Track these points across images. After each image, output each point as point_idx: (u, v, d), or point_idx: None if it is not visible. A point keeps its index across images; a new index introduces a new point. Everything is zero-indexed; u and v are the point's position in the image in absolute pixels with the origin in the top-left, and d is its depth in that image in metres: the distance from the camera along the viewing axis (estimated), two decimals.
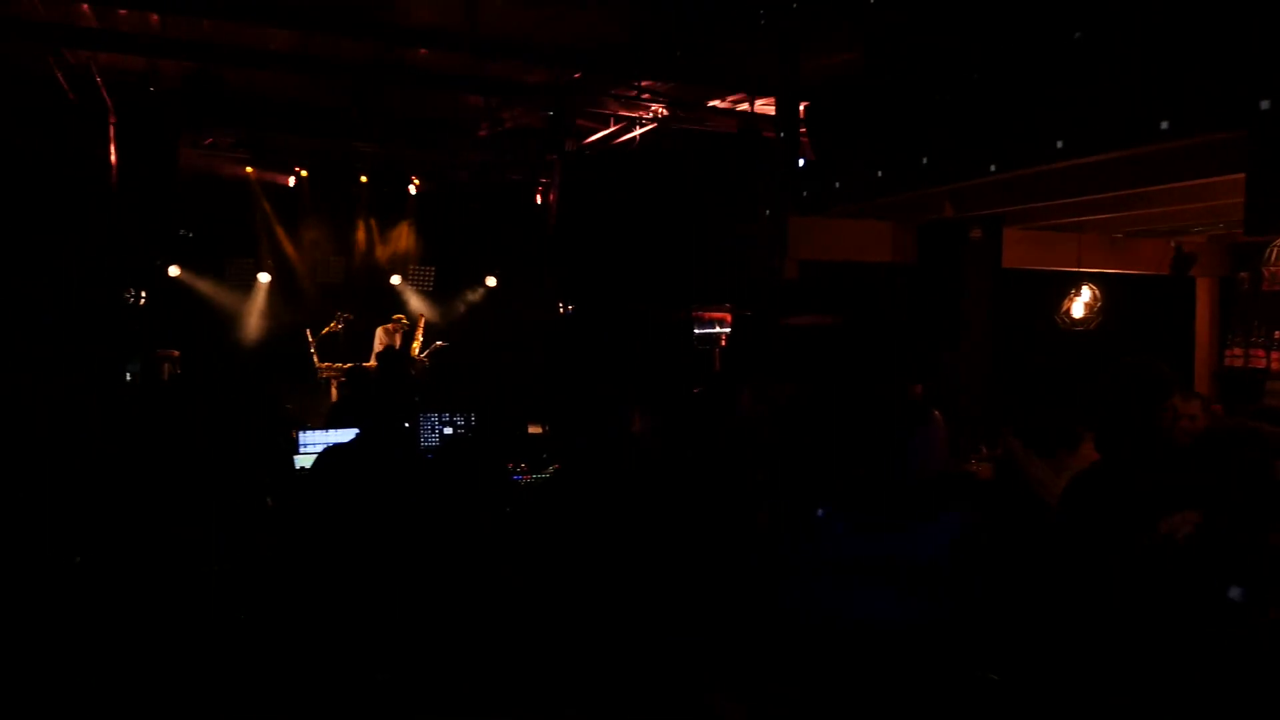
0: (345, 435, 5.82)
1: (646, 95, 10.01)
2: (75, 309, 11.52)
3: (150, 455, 6.21)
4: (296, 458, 5.65)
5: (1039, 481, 3.92)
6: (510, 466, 5.75)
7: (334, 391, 12.46)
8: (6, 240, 11.04)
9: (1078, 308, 7.73)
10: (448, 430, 6.11)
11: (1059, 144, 5.35)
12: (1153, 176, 5.74)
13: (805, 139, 7.17)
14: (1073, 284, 7.87)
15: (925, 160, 5.97)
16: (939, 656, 3.05)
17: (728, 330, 8.24)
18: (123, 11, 8.50)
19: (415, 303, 14.49)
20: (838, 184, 6.65)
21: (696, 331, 8.39)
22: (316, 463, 4.27)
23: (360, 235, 14.43)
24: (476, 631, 4.49)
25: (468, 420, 6.35)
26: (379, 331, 12.97)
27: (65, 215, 11.10)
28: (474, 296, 15.01)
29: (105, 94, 9.97)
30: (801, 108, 7.14)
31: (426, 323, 13.23)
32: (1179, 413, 3.47)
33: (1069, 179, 6.02)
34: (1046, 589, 2.55)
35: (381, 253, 14.59)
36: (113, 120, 10.10)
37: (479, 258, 14.63)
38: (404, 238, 14.64)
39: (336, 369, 12.44)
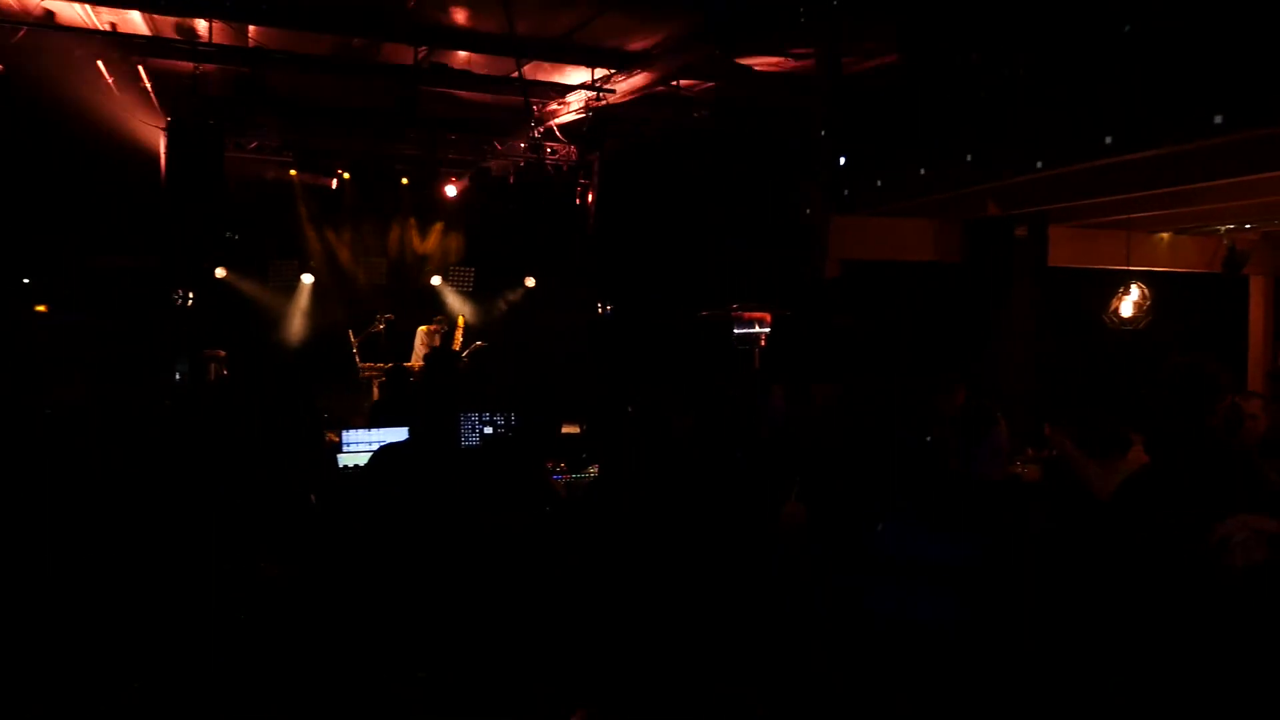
0: (389, 434, 5.89)
1: (686, 94, 9.99)
2: (126, 309, 11.80)
3: (199, 454, 6.33)
4: (341, 456, 5.71)
5: (1092, 483, 3.85)
6: (550, 466, 5.77)
7: (375, 391, 12.60)
8: (61, 243, 11.33)
9: (1126, 307, 7.56)
10: (488, 430, 6.14)
11: (1107, 140, 5.23)
12: (1205, 172, 5.61)
13: (847, 137, 7.10)
14: (1121, 282, 7.70)
15: (969, 158, 5.88)
16: (987, 658, 3.01)
17: (767, 330, 8.19)
18: (171, 19, 8.68)
19: (455, 303, 14.62)
20: (879, 182, 6.57)
21: (736, 331, 8.34)
22: (371, 461, 4.32)
23: (401, 236, 14.59)
24: (516, 628, 4.52)
25: (508, 420, 6.38)
26: (420, 332, 13.10)
27: (116, 218, 11.36)
28: (513, 297, 15.11)
29: (155, 99, 10.19)
30: (843, 106, 7.07)
31: (466, 323, 13.33)
32: (1243, 412, 3.39)
33: (1117, 175, 5.90)
34: (1098, 594, 2.49)
35: (422, 254, 14.74)
36: (162, 125, 10.31)
37: (518, 258, 14.72)
38: (444, 239, 14.78)
39: (378, 369, 12.58)
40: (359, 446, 5.80)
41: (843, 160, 6.65)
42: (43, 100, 10.68)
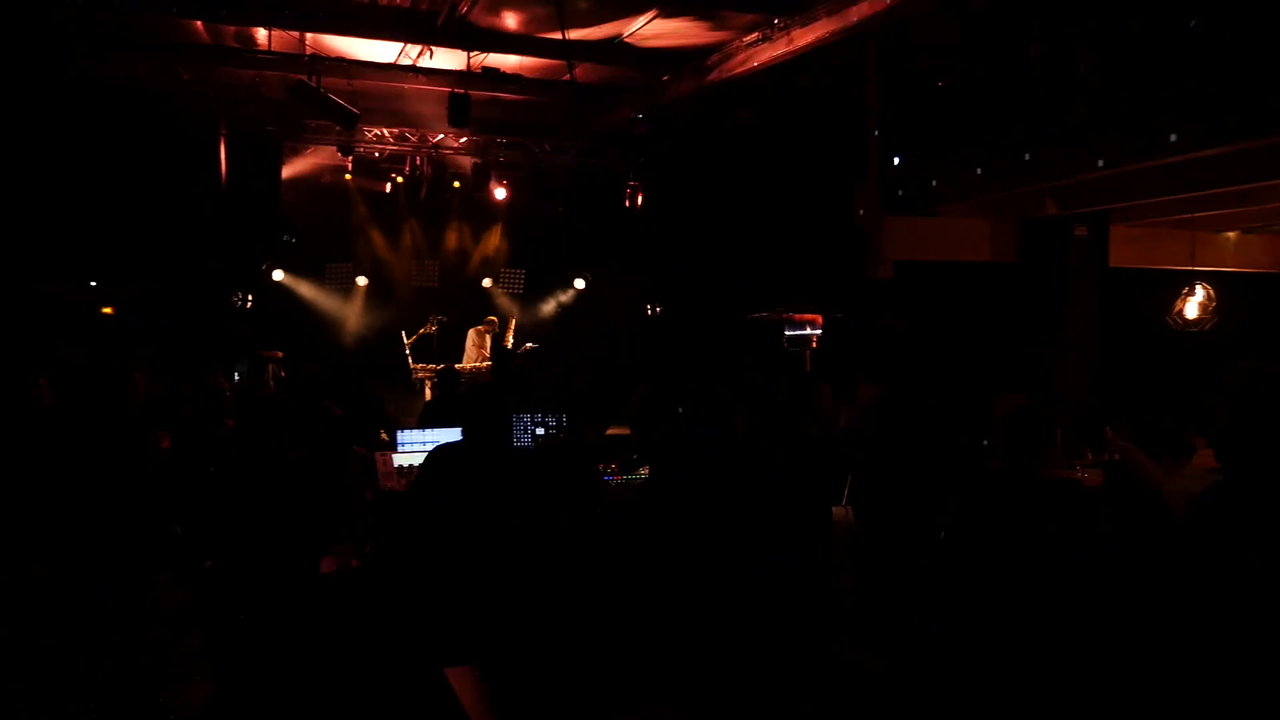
0: (443, 435, 5.96)
1: (735, 96, 9.96)
2: (188, 311, 12.11)
3: (259, 453, 6.45)
4: (396, 456, 5.79)
5: (1159, 488, 3.75)
6: (601, 468, 5.79)
7: (428, 392, 12.75)
8: (126, 247, 11.67)
9: (1191, 308, 7.35)
10: (539, 431, 6.18)
11: (1172, 137, 5.11)
12: (1274, 169, 5.44)
13: (901, 138, 7.01)
14: (1185, 283, 7.48)
15: (1028, 157, 5.78)
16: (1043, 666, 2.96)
17: (819, 332, 8.12)
18: (231, 28, 8.90)
19: (505, 305, 14.76)
20: (934, 182, 6.49)
21: (787, 333, 8.29)
22: (425, 461, 4.37)
23: (453, 239, 14.76)
24: (569, 630, 4.54)
25: (559, 421, 6.41)
26: (471, 333, 13.23)
27: (179, 223, 11.67)
28: (563, 298, 15.20)
29: (217, 106, 10.48)
30: (898, 106, 6.99)
31: (516, 324, 13.45)
32: None
33: (1182, 174, 5.75)
34: (1170, 614, 2.39)
35: (473, 256, 14.91)
36: (223, 132, 10.57)
37: (568, 260, 14.81)
38: (495, 241, 14.92)
39: (429, 370, 12.73)
40: (414, 447, 5.88)
41: (896, 161, 6.56)
42: (109, 108, 11.05)
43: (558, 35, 8.54)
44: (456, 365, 12.89)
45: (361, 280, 14.04)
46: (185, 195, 11.57)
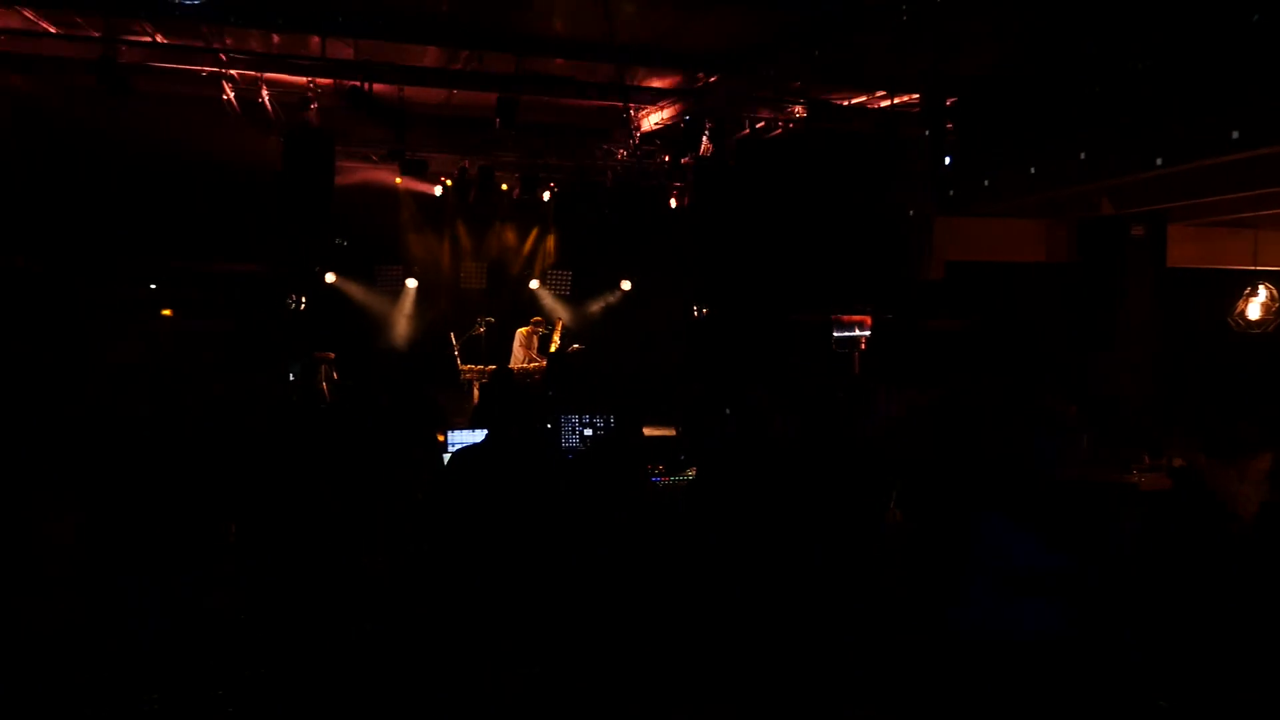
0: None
1: (783, 95, 9.92)
2: (244, 313, 12.39)
3: (317, 454, 6.57)
4: (447, 456, 5.87)
5: (1230, 494, 3.66)
6: (649, 469, 5.81)
7: (476, 393, 12.88)
8: (183, 251, 11.97)
9: (1254, 309, 7.15)
10: (588, 431, 6.22)
11: (1234, 134, 4.98)
12: None
13: (952, 136, 6.92)
14: (1247, 283, 7.29)
15: (1083, 155, 5.68)
16: (1098, 676, 2.91)
17: (867, 333, 8.03)
18: (276, 37, 9.09)
19: (552, 306, 14.87)
20: (987, 182, 6.40)
21: (836, 335, 8.21)
22: (449, 462, 4.43)
23: (500, 241, 14.94)
24: (610, 625, 4.57)
25: (607, 422, 6.45)
26: (518, 334, 13.34)
27: (234, 226, 11.94)
28: (609, 300, 15.28)
29: (271, 112, 10.69)
30: (948, 104, 6.91)
31: (564, 326, 13.54)
32: None
33: (1244, 171, 5.61)
34: (1246, 619, 2.35)
35: (520, 258, 15.06)
36: (279, 137, 10.78)
37: (614, 262, 14.88)
38: (542, 243, 15.06)
39: (478, 371, 12.87)
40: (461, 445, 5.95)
41: (948, 160, 6.48)
42: (166, 114, 11.34)
43: (602, 38, 8.61)
44: (480, 366, 13.04)
45: (411, 282, 14.26)
46: (241, 198, 11.85)
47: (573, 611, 4.49)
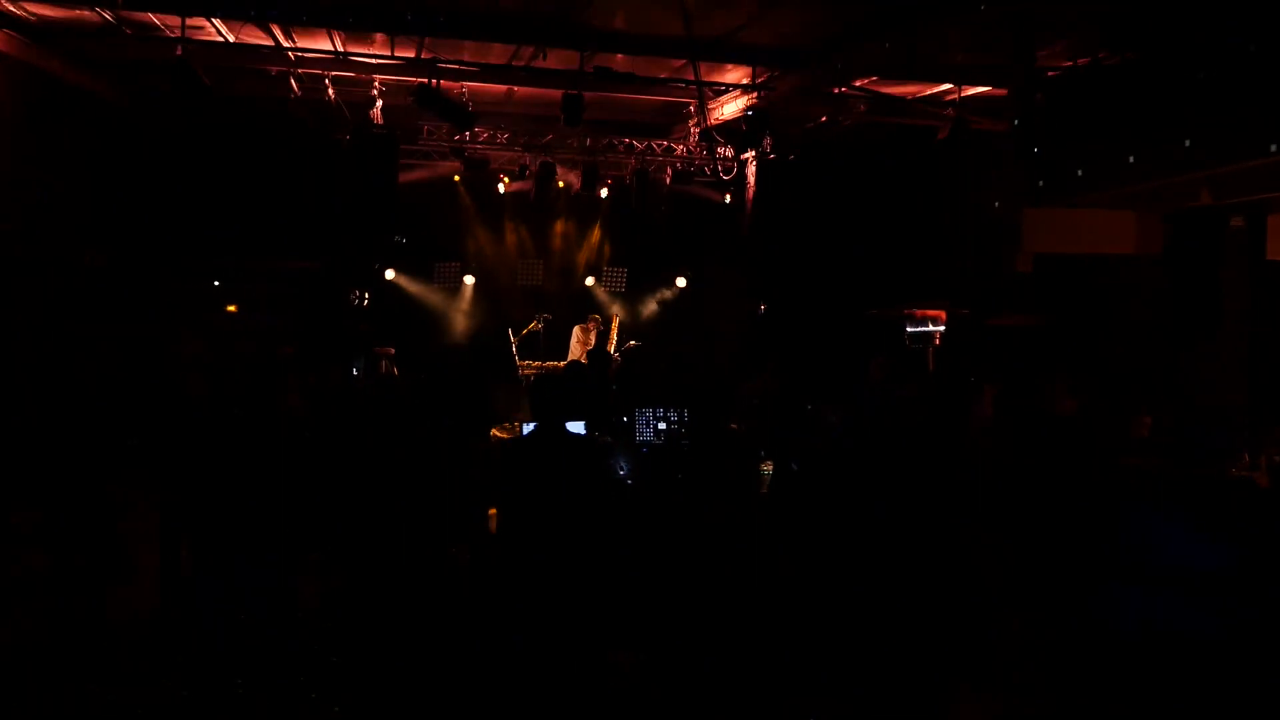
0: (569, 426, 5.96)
1: (850, 89, 9.76)
2: (307, 309, 12.51)
3: (379, 446, 6.56)
4: None
5: None
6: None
7: None
8: (248, 247, 12.12)
9: None
10: (661, 425, 6.15)
11: None
12: None
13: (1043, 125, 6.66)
14: None
15: (1188, 143, 5.46)
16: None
17: (942, 329, 7.85)
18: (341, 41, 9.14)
19: (607, 303, 14.82)
20: (1080, 171, 6.18)
21: (910, 330, 8.04)
22: (503, 451, 4.38)
23: (557, 238, 14.93)
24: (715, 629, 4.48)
25: (680, 416, 6.37)
26: (576, 330, 13.33)
27: (298, 223, 12.07)
28: (665, 296, 15.20)
29: (335, 111, 10.79)
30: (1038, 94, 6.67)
31: (620, 322, 13.50)
32: None
33: None
34: None
35: (577, 255, 15.03)
36: (344, 137, 10.86)
37: (670, 258, 14.80)
38: (598, 240, 15.02)
39: (536, 367, 12.87)
40: None
41: (1038, 149, 6.26)
42: (233, 114, 11.49)
43: (667, 33, 8.53)
44: (561, 364, 13.02)
45: (469, 279, 14.30)
46: (307, 198, 11.97)
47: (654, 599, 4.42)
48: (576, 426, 5.84)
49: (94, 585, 5.75)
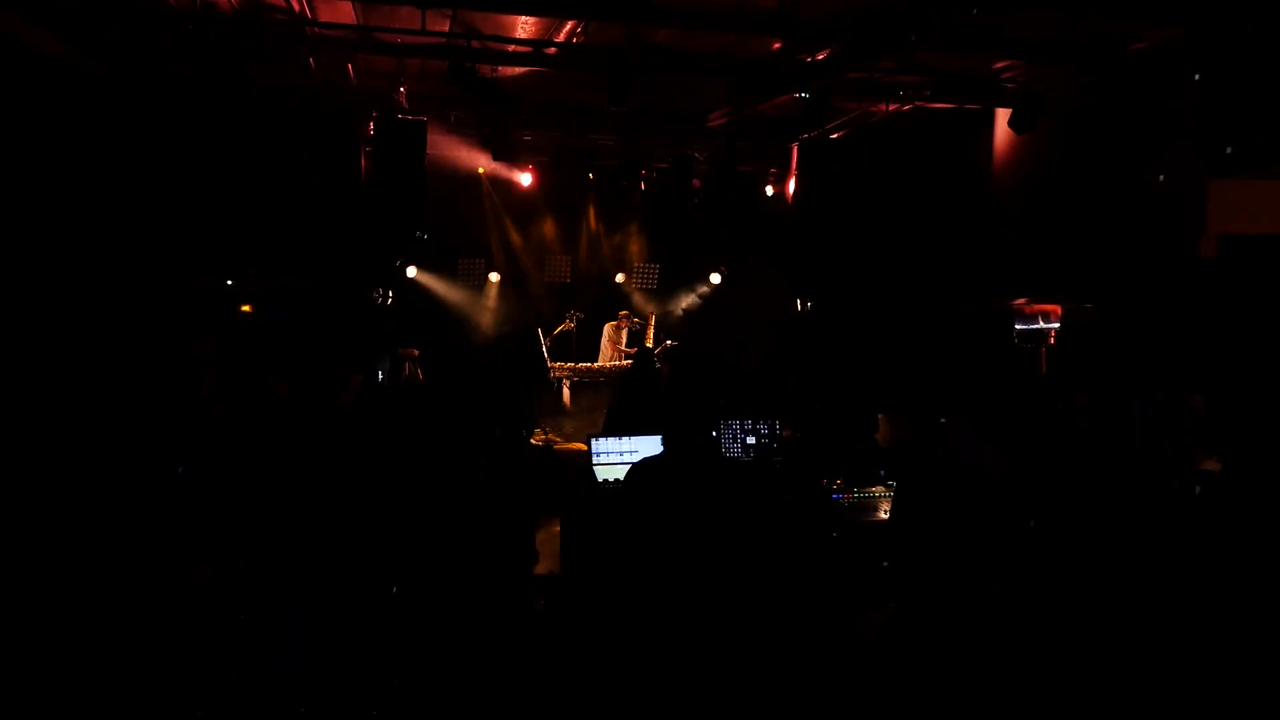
0: (641, 443, 5.29)
1: (907, 70, 9.05)
2: (326, 309, 11.84)
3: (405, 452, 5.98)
4: (597, 468, 5.12)
5: None
6: (824, 483, 5.00)
7: (565, 393, 12.25)
8: (260, 244, 11.45)
9: None
10: (750, 439, 5.43)
11: None
12: None
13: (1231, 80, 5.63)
14: None
15: None
16: None
17: (1055, 326, 7.04)
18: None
19: (640, 300, 14.18)
20: None
21: (1018, 328, 7.24)
22: (628, 477, 3.70)
23: (587, 233, 14.25)
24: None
25: (771, 428, 5.66)
26: (606, 328, 12.69)
27: (322, 218, 11.40)
28: (699, 293, 14.54)
29: (359, 98, 10.15)
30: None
31: (656, 321, 12.85)
32: None
33: None
34: None
35: (607, 250, 14.36)
36: (367, 131, 10.21)
37: (704, 254, 14.14)
38: (630, 236, 14.35)
39: (569, 369, 12.22)
40: (612, 458, 5.21)
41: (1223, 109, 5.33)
42: (251, 107, 10.81)
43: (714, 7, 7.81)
44: (594, 365, 12.36)
45: (494, 276, 13.66)
46: (328, 190, 11.30)
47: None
48: (653, 443, 5.15)
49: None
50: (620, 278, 14.36)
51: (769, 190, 13.16)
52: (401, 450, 5.40)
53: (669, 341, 12.45)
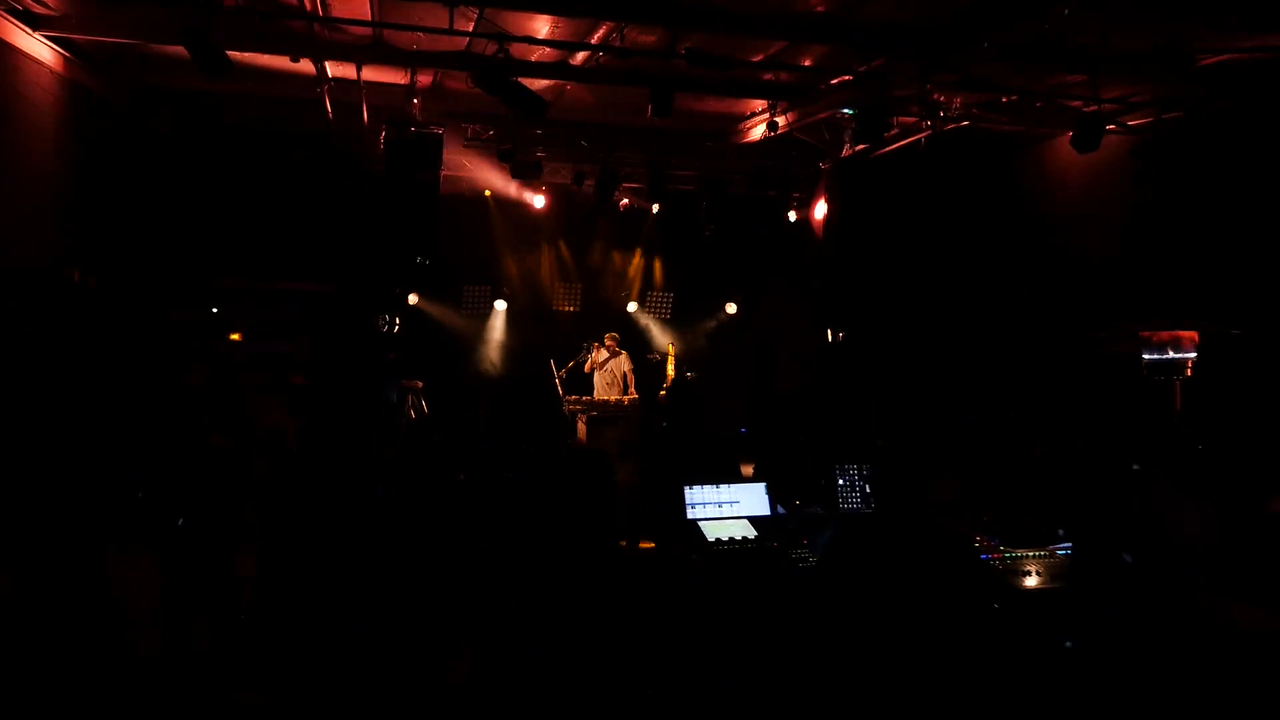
0: (741, 491, 4.52)
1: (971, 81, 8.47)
2: (325, 336, 11.04)
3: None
4: (700, 523, 4.32)
5: None
6: (979, 542, 4.17)
7: (580, 427, 11.45)
8: (252, 269, 10.66)
9: None
10: (866, 488, 4.67)
11: None
12: None
13: None
14: None
15: None
16: None
17: (1193, 356, 6.31)
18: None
19: (655, 332, 13.47)
20: None
21: (1146, 359, 6.54)
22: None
23: (598, 260, 13.53)
24: None
25: (861, 472, 4.92)
26: (592, 354, 11.89)
27: (309, 241, 10.66)
28: (715, 322, 13.84)
29: (365, 118, 9.45)
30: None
31: (675, 353, 12.09)
32: None
33: None
34: None
35: (620, 278, 13.65)
36: (380, 148, 9.49)
37: (721, 282, 13.46)
38: (643, 262, 13.66)
39: (585, 403, 11.44)
40: (709, 510, 4.42)
41: None
42: (246, 121, 10.09)
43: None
44: (610, 399, 11.58)
45: (500, 304, 12.88)
46: (336, 210, 10.55)
47: None
48: (758, 493, 4.39)
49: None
50: (632, 306, 13.63)
51: (792, 215, 12.51)
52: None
53: (689, 374, 11.70)
